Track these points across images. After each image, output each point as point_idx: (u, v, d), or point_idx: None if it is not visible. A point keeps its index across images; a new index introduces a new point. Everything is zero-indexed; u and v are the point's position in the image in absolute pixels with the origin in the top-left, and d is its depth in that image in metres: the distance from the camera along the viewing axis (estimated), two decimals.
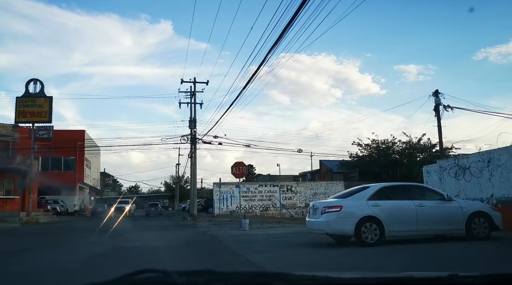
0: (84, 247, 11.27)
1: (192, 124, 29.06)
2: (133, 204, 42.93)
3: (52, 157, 44.42)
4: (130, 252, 9.95)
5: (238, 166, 16.49)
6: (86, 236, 15.18)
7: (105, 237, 14.27)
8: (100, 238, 13.81)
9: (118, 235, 15.10)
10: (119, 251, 10.05)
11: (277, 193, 30.17)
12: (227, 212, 29.32)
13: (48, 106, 27.90)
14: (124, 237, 14.38)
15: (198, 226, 20.85)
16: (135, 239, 13.44)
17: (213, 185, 29.96)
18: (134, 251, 10.00)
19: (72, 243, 12.85)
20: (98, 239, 13.69)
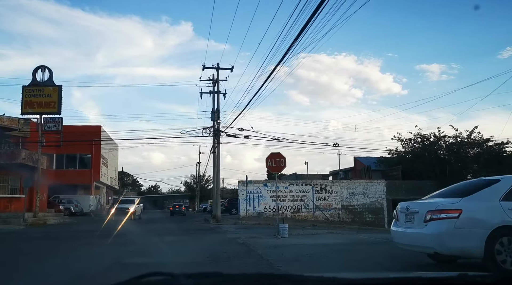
0: (75, 263, 8.23)
1: (214, 115, 25.99)
2: (140, 204, 32.74)
3: (66, 154, 42.26)
4: (134, 273, 6.80)
5: (275, 158, 13.27)
6: (86, 243, 12.20)
7: (109, 245, 11.26)
8: (102, 247, 10.79)
9: (128, 242, 12.10)
10: (119, 271, 6.94)
11: (310, 193, 26.83)
12: (253, 214, 26.15)
13: (57, 96, 25.28)
14: (133, 245, 11.35)
15: (223, 231, 17.73)
16: (146, 250, 10.36)
17: (238, 184, 26.84)
18: (141, 271, 6.87)
19: (61, 255, 9.83)
20: (99, 248, 10.67)
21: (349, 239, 12.29)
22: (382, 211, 26.85)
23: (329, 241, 11.88)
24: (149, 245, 11.51)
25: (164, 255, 9.27)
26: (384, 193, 26.94)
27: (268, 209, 26.42)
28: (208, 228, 20.28)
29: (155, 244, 11.77)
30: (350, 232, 16.57)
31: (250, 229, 18.99)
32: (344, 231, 18.58)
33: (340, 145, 25.78)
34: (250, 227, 20.34)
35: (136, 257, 8.81)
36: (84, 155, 42.98)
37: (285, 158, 13.28)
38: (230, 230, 18.03)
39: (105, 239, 12.71)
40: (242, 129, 25.24)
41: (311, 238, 13.08)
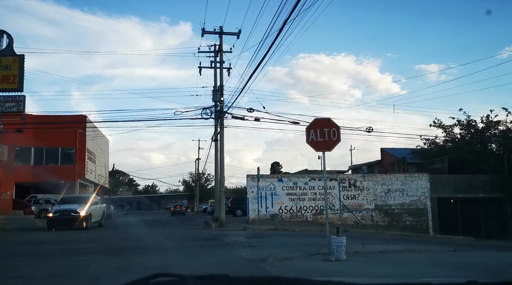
0: None
1: (217, 94, 20.70)
2: (101, 205, 21.20)
3: (46, 147, 37.00)
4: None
5: (321, 126, 7.93)
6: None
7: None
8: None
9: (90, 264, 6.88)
10: None
11: (335, 190, 21.57)
12: (266, 216, 20.90)
13: (17, 69, 19.99)
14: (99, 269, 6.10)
15: (231, 242, 12.47)
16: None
17: (246, 179, 21.58)
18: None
19: None
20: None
21: (456, 264, 7.04)
22: (426, 213, 21.59)
23: (424, 270, 6.61)
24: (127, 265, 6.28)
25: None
26: (427, 189, 21.69)
27: (284, 210, 21.18)
28: (210, 237, 15.01)
29: (138, 263, 6.49)
30: (431, 246, 11.19)
31: (268, 238, 13.74)
32: (409, 242, 13.31)
33: (373, 130, 20.45)
34: (265, 235, 15.11)
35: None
36: (67, 149, 37.68)
37: (338, 127, 7.99)
38: (241, 241, 12.77)
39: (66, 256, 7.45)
40: (252, 109, 19.96)
41: (388, 262, 7.79)
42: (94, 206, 18.75)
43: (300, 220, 21.13)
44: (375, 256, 8.31)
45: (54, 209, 18.22)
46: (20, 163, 36.10)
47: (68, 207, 17.75)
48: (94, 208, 18.68)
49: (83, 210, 17.49)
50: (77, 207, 17.58)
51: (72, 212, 17.38)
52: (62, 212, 17.53)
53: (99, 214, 19.80)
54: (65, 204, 18.33)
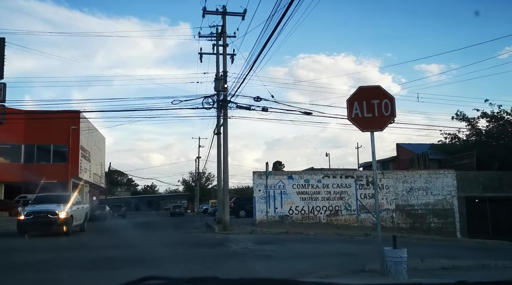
0: None
1: (219, 81, 18.54)
2: (83, 205, 17.67)
3: (38, 144, 34.85)
4: None
5: (369, 98, 5.75)
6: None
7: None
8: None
9: None
10: None
11: (352, 188, 19.39)
12: (275, 218, 18.73)
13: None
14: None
15: (240, 250, 10.30)
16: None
17: (253, 176, 19.39)
18: None
19: None
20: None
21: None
22: (452, 213, 19.42)
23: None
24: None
25: None
26: (454, 188, 19.51)
27: (294, 211, 19.01)
28: (213, 242, 12.83)
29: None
30: (504, 261, 8.89)
31: (282, 244, 11.56)
32: (452, 249, 11.17)
33: (394, 122, 18.25)
34: (277, 240, 12.94)
35: None
36: (60, 146, 35.49)
37: (392, 99, 5.81)
38: (251, 248, 10.61)
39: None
40: (259, 98, 17.79)
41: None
42: (76, 207, 15.66)
43: (313, 222, 18.96)
44: (443, 276, 6.10)
45: (26, 209, 14.67)
46: (9, 161, 34.09)
47: (44, 207, 14.42)
48: (76, 209, 15.57)
49: (63, 211, 14.23)
50: (56, 207, 14.32)
51: (50, 214, 14.11)
52: (37, 213, 14.13)
53: (81, 216, 16.50)
54: (40, 203, 14.95)
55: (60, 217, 14.11)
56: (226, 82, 17.94)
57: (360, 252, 9.87)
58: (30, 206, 15.53)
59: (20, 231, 14.23)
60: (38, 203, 15.27)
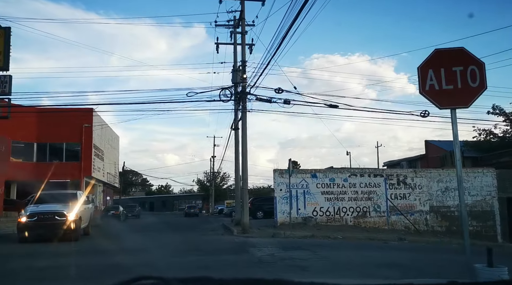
0: None
1: (237, 73, 17.23)
2: (89, 205, 15.75)
3: (50, 143, 34.04)
4: None
5: (449, 63, 4.38)
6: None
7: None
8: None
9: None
10: None
11: (381, 187, 17.85)
12: (297, 219, 17.31)
13: (2, 44, 16.84)
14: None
15: (266, 258, 8.93)
16: None
17: (273, 174, 18.01)
18: None
19: None
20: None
21: None
22: (492, 216, 17.73)
23: None
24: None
25: None
26: (494, 188, 17.83)
27: (319, 212, 17.57)
28: (233, 247, 11.49)
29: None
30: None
31: (312, 250, 10.13)
32: None
33: (429, 114, 16.62)
34: (305, 245, 11.54)
35: None
36: (72, 144, 34.63)
37: (481, 64, 4.39)
38: (278, 255, 9.22)
39: None
40: (281, 90, 16.39)
41: None
42: (83, 207, 13.70)
43: (339, 224, 17.49)
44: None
45: (29, 210, 12.38)
46: (21, 160, 33.37)
47: (50, 207, 12.39)
48: (83, 209, 13.64)
49: (72, 212, 12.22)
50: (63, 207, 12.35)
51: (57, 215, 12.07)
52: (42, 215, 12.08)
53: (87, 217, 14.56)
54: (44, 203, 12.78)
55: (69, 219, 12.08)
56: (245, 72, 16.59)
57: (408, 262, 8.41)
58: (32, 205, 13.13)
59: (20, 236, 12.01)
60: (41, 202, 13.04)
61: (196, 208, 49.93)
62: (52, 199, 13.17)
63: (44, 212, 12.29)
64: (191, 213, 45.98)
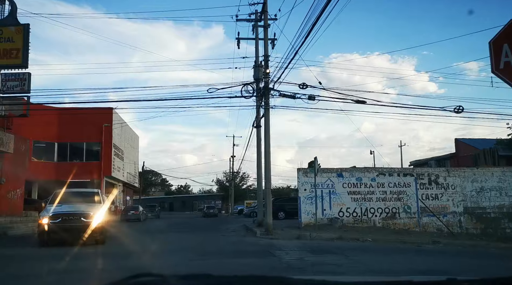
0: None
1: (259, 69, 16.59)
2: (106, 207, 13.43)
3: (70, 142, 34.08)
4: None
5: None
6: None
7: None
8: None
9: None
10: None
11: (411, 187, 16.95)
12: (323, 220, 16.55)
13: (22, 41, 16.61)
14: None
15: (295, 262, 8.27)
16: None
17: (297, 173, 17.32)
18: None
19: None
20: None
21: None
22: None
23: None
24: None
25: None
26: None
27: (345, 213, 16.78)
28: (258, 250, 10.82)
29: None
30: None
31: (344, 254, 9.41)
32: None
33: (464, 110, 15.61)
34: (334, 248, 10.82)
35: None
36: (93, 144, 34.61)
37: None
38: (309, 259, 8.54)
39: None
40: (305, 85, 15.69)
41: None
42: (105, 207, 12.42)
43: (366, 226, 16.67)
44: None
45: (52, 211, 11.09)
46: (43, 160, 33.50)
47: (74, 208, 11.32)
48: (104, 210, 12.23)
49: (99, 213, 11.25)
50: (89, 208, 11.38)
51: (83, 217, 10.99)
52: (67, 216, 10.97)
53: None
54: (67, 203, 11.57)
55: (96, 221, 11.03)
56: (268, 67, 15.95)
57: (453, 268, 7.62)
58: (52, 205, 11.69)
59: (42, 240, 10.98)
60: (62, 202, 11.79)
61: (215, 208, 49.32)
62: (74, 198, 12.13)
63: (69, 213, 11.14)
64: (210, 213, 45.37)
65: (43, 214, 11.31)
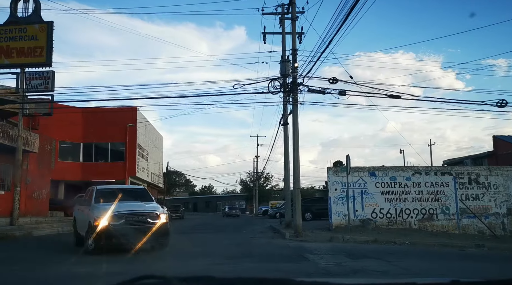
0: None
1: (285, 64, 15.90)
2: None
3: (96, 143, 34.15)
4: None
5: None
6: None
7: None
8: None
9: None
10: None
11: (450, 187, 15.92)
12: (355, 222, 15.71)
13: (45, 39, 16.44)
14: None
15: (334, 268, 7.57)
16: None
17: (327, 172, 16.52)
18: None
19: None
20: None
21: None
22: None
23: None
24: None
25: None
26: None
27: (379, 214, 15.90)
28: (289, 254, 10.11)
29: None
30: None
31: (386, 259, 8.66)
32: None
33: (507, 103, 14.47)
34: (372, 252, 10.06)
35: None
36: (117, 144, 34.59)
37: None
38: (347, 265, 7.81)
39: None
40: (335, 79, 14.89)
41: None
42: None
43: (401, 228, 15.74)
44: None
45: (114, 210, 8.99)
46: (69, 160, 33.70)
47: (137, 207, 9.70)
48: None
49: (164, 213, 9.76)
50: (155, 207, 9.90)
51: (149, 218, 9.29)
52: (131, 216, 9.13)
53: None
54: (122, 202, 9.45)
55: (163, 221, 9.41)
56: (296, 61, 15.24)
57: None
58: (102, 204, 9.72)
59: (98, 245, 8.91)
60: (107, 200, 9.78)
61: (237, 209, 49.05)
62: (125, 195, 10.13)
63: (134, 212, 9.35)
64: (232, 213, 44.86)
65: (96, 213, 9.19)
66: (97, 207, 9.62)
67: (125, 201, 9.76)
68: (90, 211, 9.60)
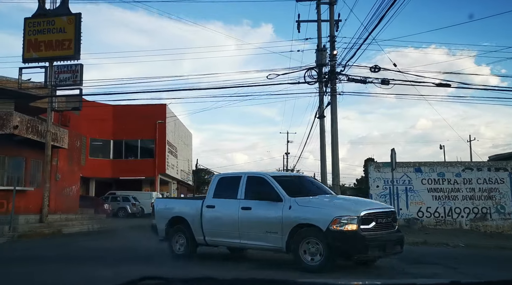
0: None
1: (321, 53, 14.81)
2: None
3: (125, 140, 34.01)
4: None
5: None
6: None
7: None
8: None
9: None
10: None
11: (504, 184, 14.50)
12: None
13: (73, 31, 15.98)
14: None
15: (389, 274, 6.50)
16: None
17: (368, 168, 15.39)
18: None
19: None
20: None
21: None
22: None
23: None
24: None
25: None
26: None
27: (425, 213, 14.66)
28: None
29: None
30: None
31: (442, 264, 7.74)
32: None
33: None
34: (427, 255, 8.95)
35: None
36: (147, 141, 34.34)
37: None
38: (409, 273, 6.76)
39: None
40: (378, 67, 13.74)
41: None
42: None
43: (451, 228, 14.45)
44: None
45: (359, 210, 6.44)
46: (99, 157, 33.72)
47: (379, 205, 7.70)
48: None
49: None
50: (387, 206, 8.07)
51: (394, 220, 7.04)
52: (382, 217, 6.71)
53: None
54: (305, 196, 7.12)
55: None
56: (334, 48, 14.18)
57: None
58: (331, 197, 7.60)
59: (333, 259, 6.43)
60: (298, 193, 7.14)
61: None
62: (307, 187, 7.96)
63: (385, 212, 6.94)
64: None
65: (333, 211, 6.50)
66: (332, 202, 7.19)
67: (313, 195, 7.33)
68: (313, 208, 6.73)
